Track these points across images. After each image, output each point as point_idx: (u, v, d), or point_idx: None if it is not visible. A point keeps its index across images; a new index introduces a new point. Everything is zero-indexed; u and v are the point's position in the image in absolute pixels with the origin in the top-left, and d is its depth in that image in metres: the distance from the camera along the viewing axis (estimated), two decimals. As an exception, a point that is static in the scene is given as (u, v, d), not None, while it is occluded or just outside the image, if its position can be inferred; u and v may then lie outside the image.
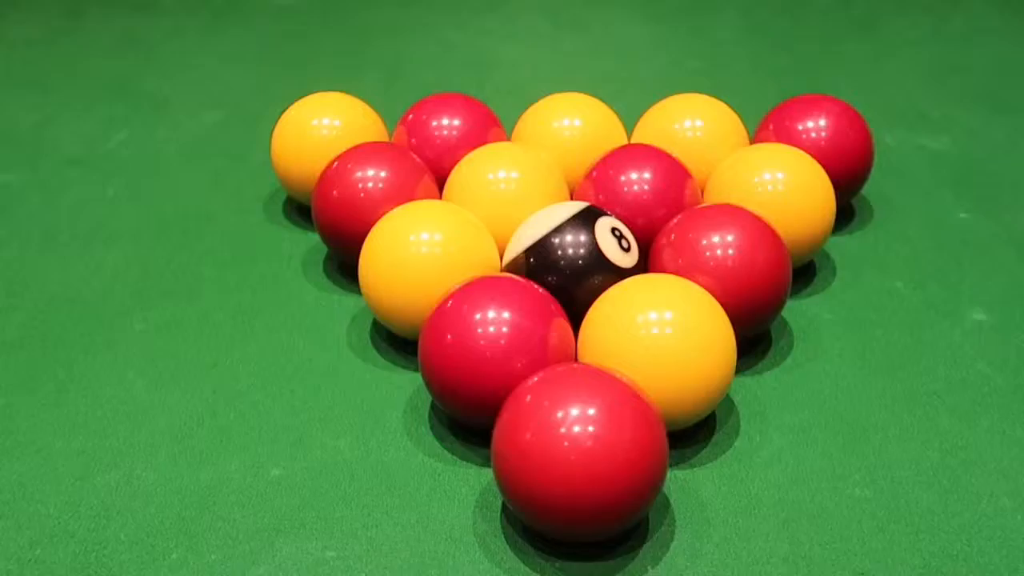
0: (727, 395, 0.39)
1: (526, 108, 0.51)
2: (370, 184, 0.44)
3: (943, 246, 0.48)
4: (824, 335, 0.42)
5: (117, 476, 0.35)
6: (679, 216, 0.41)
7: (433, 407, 0.39)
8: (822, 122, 0.47)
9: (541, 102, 0.50)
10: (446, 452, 0.36)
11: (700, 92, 0.51)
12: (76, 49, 0.69)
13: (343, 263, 0.47)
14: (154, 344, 0.42)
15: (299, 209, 0.51)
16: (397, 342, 0.42)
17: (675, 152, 0.47)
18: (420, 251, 0.40)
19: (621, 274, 0.39)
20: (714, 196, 0.45)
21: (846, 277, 0.46)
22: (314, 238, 0.49)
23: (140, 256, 0.47)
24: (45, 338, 0.42)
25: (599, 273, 0.39)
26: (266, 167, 0.54)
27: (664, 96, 0.51)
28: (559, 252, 0.40)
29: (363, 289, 0.40)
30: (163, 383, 0.39)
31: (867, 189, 0.51)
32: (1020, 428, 0.37)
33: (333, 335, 0.42)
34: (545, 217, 0.41)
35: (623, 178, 0.44)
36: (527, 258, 0.40)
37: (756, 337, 0.42)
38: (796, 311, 0.44)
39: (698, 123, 0.49)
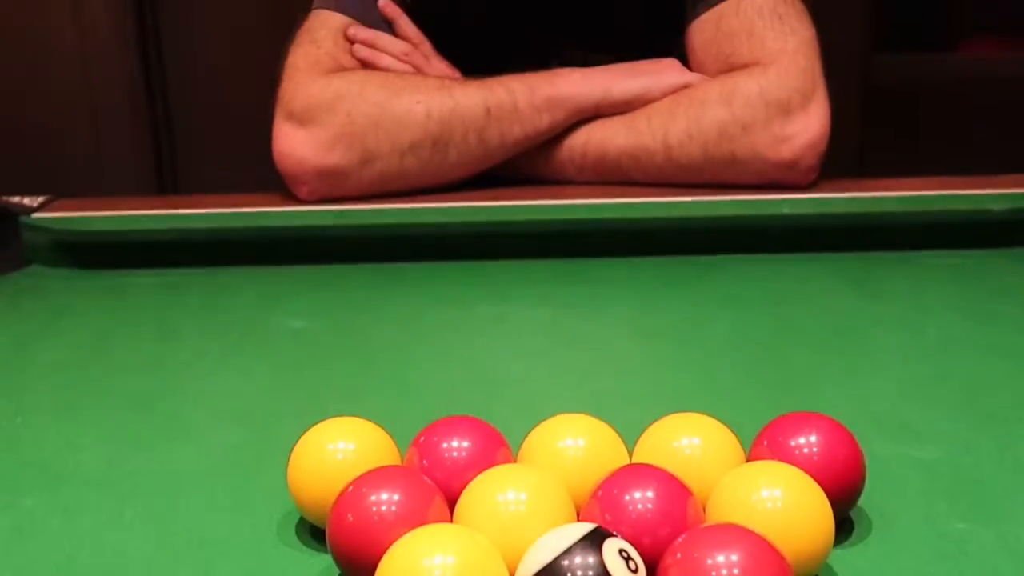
0: None
1: (531, 426, 0.54)
2: (383, 507, 0.46)
3: (945, 557, 0.49)
4: (835, 655, 0.42)
5: None
6: (684, 536, 0.43)
7: None
8: (813, 438, 0.50)
9: (545, 423, 0.53)
10: None
11: (695, 406, 0.54)
12: (102, 374, 0.73)
13: (355, 587, 0.47)
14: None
15: (312, 531, 0.52)
16: (409, 670, 0.42)
17: (675, 470, 0.49)
18: (434, 577, 0.41)
19: (630, 596, 0.40)
20: (716, 514, 0.46)
21: (852, 592, 0.46)
22: (326, 560, 0.50)
23: (155, 582, 0.48)
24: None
25: (609, 596, 0.40)
26: (281, 488, 0.56)
27: (661, 412, 0.54)
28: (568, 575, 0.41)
29: (377, 615, 0.41)
30: None
31: (863, 501, 0.53)
32: None
33: (345, 663, 0.42)
34: (553, 540, 0.42)
35: (627, 497, 0.46)
36: (538, 582, 0.41)
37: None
38: (805, 629, 0.44)
39: (695, 441, 0.51)
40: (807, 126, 0.97)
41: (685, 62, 1.06)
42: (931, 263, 0.89)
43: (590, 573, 0.41)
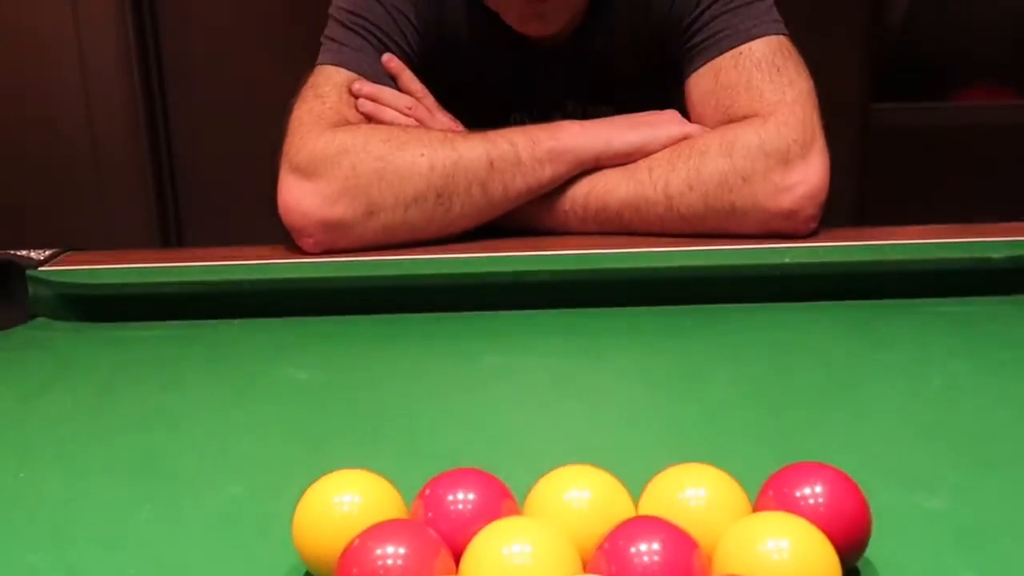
0: None
1: (536, 477, 0.54)
2: (389, 561, 0.46)
3: (953, 608, 0.49)
4: None
5: None
6: (690, 588, 0.43)
7: None
8: (819, 489, 0.50)
9: (551, 475, 0.53)
10: None
11: (699, 456, 0.55)
12: (106, 426, 0.73)
13: (361, 641, 0.47)
14: None
15: (317, 584, 0.52)
16: None
17: (681, 521, 0.49)
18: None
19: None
20: (722, 565, 0.46)
21: (860, 645, 0.46)
22: (332, 615, 0.50)
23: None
24: None
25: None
26: (287, 541, 0.56)
27: (666, 462, 0.54)
28: (576, 629, 0.41)
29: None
30: None
31: (870, 552, 0.53)
32: None
33: None
34: (560, 593, 0.42)
35: (633, 550, 0.46)
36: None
37: None
38: None
39: (701, 492, 0.51)
40: (807, 176, 0.98)
41: (684, 113, 1.08)
42: (933, 311, 0.90)
43: (597, 626, 0.41)
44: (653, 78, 1.16)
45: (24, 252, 1.00)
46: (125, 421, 0.74)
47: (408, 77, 1.09)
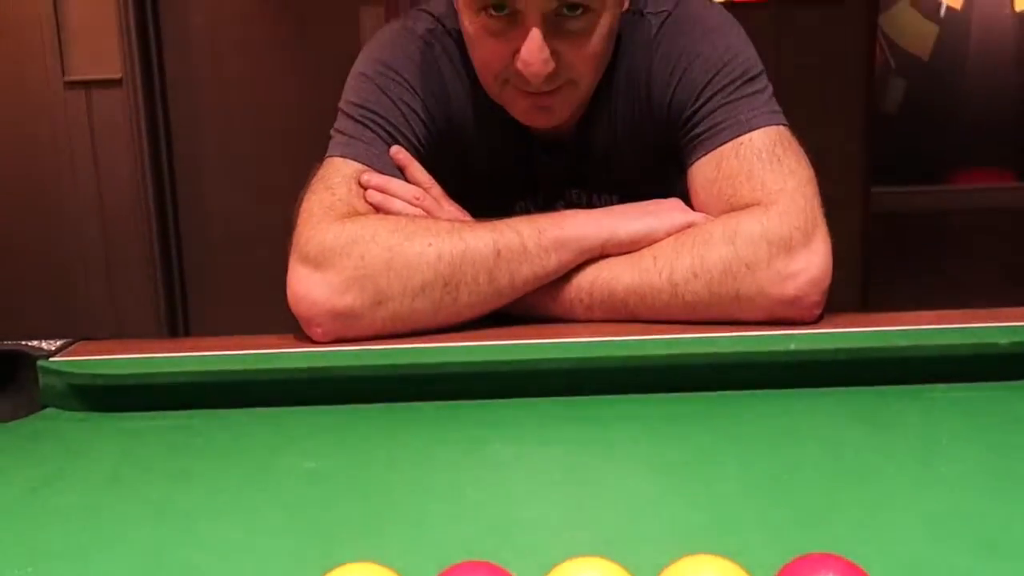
0: None
1: (546, 569, 0.54)
2: (400, 656, 0.46)
3: None
4: None
5: None
6: None
7: None
8: (830, 580, 0.50)
9: (561, 567, 0.53)
10: None
11: (709, 547, 0.54)
12: (115, 519, 0.73)
13: None
14: None
15: None
16: None
17: (693, 614, 0.49)
18: None
19: None
20: (735, 659, 0.46)
21: None
22: None
23: None
24: None
25: None
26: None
27: (676, 552, 0.54)
28: None
29: None
30: None
31: (884, 644, 0.52)
32: None
33: None
34: None
35: (645, 643, 0.46)
36: None
37: None
38: None
39: (712, 584, 0.51)
40: (810, 263, 0.99)
41: (687, 201, 1.09)
42: (940, 396, 0.90)
43: None
44: (655, 167, 1.19)
45: (36, 342, 1.01)
46: (134, 514, 0.74)
47: (416, 168, 1.12)
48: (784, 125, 1.08)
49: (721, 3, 1.12)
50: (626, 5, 1.11)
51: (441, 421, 0.90)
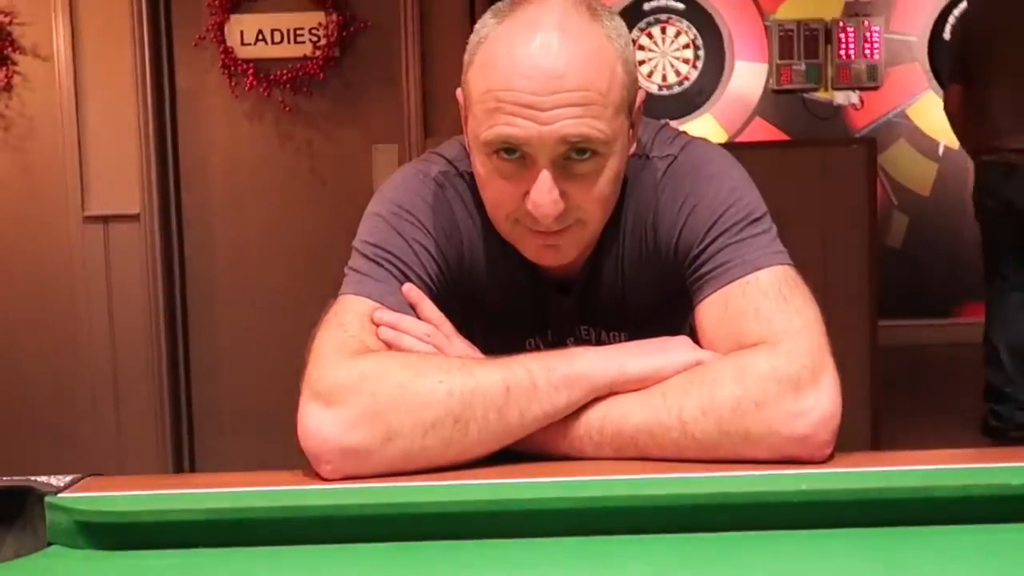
0: None
1: None
2: None
3: None
4: None
5: None
6: None
7: None
8: None
9: None
10: None
11: None
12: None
13: None
14: None
15: None
16: None
17: None
18: None
19: None
20: None
21: None
22: None
23: None
24: None
25: None
26: None
27: None
28: None
29: None
30: None
31: None
32: None
33: None
34: None
35: None
36: None
37: None
38: None
39: None
40: (819, 401, 0.99)
41: (695, 338, 1.10)
42: (956, 538, 0.89)
43: None
44: (663, 304, 1.20)
45: (44, 478, 1.00)
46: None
47: (427, 306, 1.13)
48: (789, 264, 1.10)
49: (725, 145, 1.16)
50: (633, 149, 1.15)
51: (449, 560, 0.89)
